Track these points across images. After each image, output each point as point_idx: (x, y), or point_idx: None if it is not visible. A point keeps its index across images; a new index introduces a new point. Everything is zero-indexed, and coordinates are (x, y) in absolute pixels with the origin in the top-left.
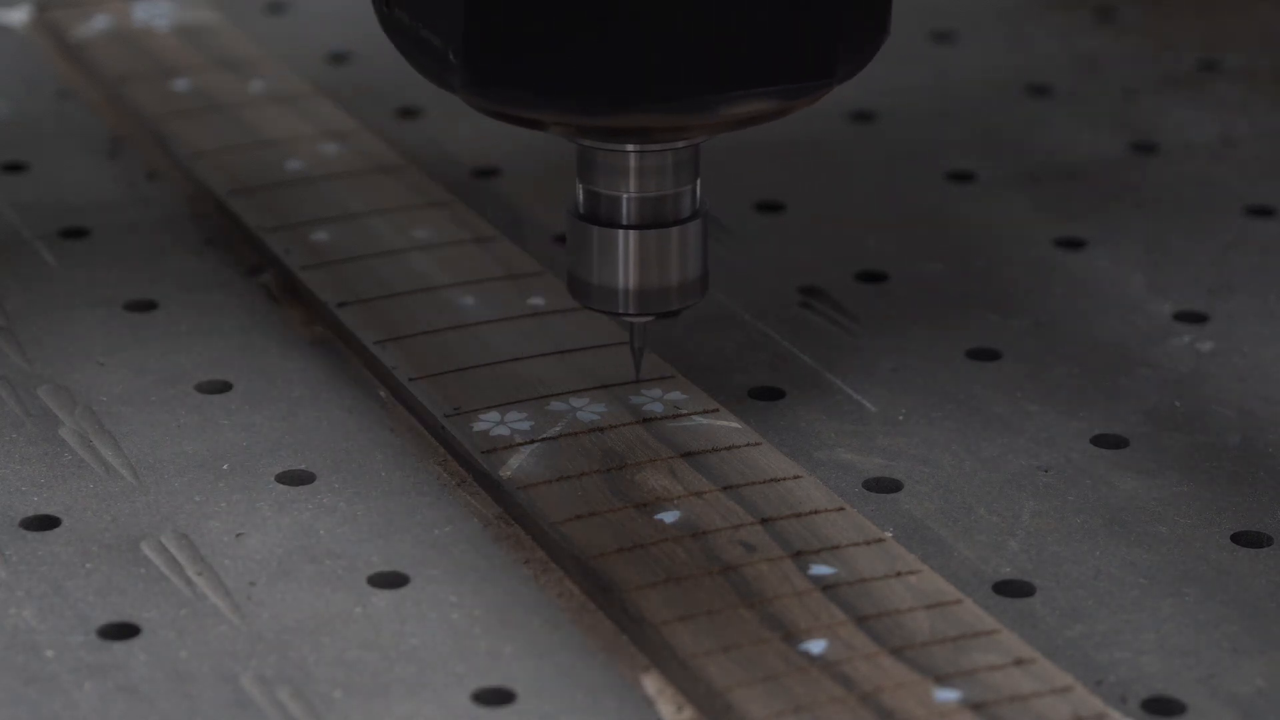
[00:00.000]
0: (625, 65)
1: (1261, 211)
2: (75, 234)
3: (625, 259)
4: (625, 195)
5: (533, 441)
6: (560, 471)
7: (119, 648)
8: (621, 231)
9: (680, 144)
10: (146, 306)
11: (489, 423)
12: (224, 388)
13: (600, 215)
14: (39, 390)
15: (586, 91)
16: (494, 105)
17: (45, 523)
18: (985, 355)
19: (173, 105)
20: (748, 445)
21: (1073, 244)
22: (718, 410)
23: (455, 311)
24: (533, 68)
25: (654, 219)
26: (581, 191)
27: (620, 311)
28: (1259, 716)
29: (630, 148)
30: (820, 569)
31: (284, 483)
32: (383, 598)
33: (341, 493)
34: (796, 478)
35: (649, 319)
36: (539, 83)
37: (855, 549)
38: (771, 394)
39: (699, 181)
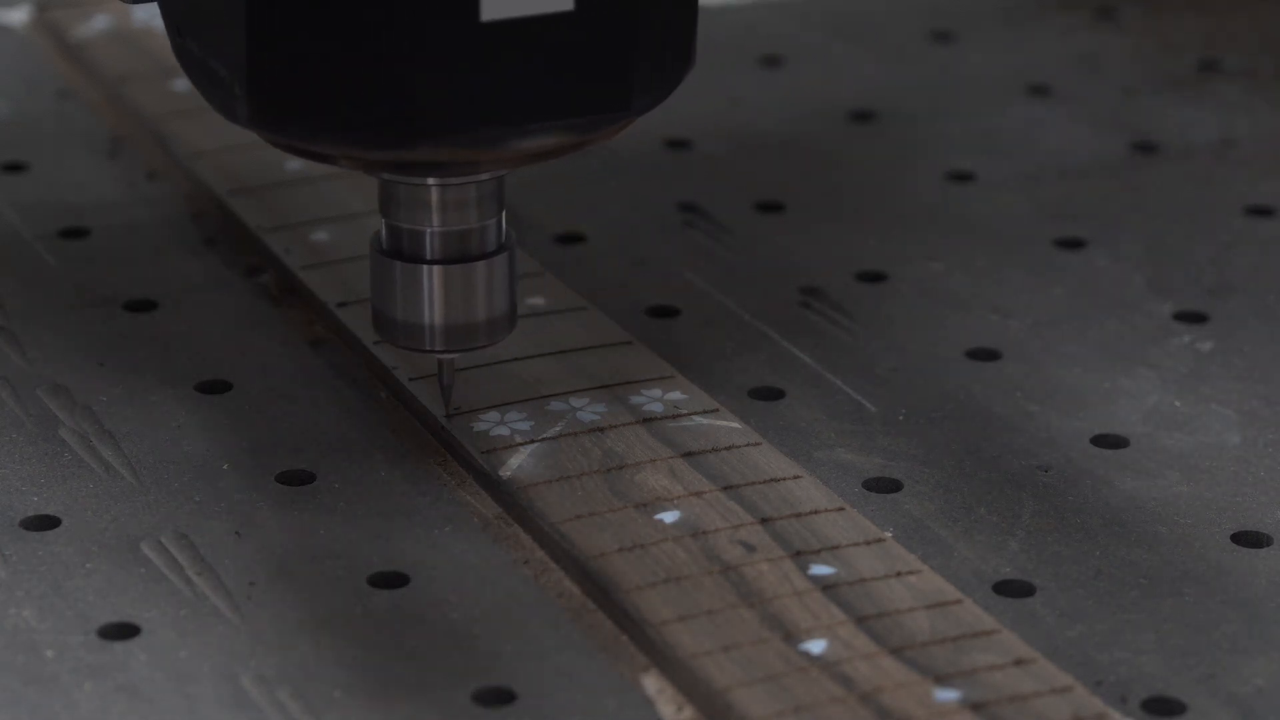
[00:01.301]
0: (410, 100)
1: (1261, 211)
2: (75, 234)
3: (430, 295)
4: (429, 230)
5: (533, 441)
6: (560, 471)
7: (119, 648)
8: (426, 267)
9: (483, 177)
10: (146, 306)
11: (489, 423)
12: (224, 388)
13: (404, 250)
14: (39, 390)
15: (371, 127)
16: (280, 138)
17: (45, 523)
18: (985, 355)
19: (173, 105)
20: (748, 445)
21: (1073, 244)
22: (718, 410)
23: None
24: (315, 102)
25: (459, 253)
26: (385, 227)
27: (427, 348)
28: (1259, 716)
29: (431, 181)
30: (820, 569)
31: (284, 483)
32: (383, 598)
33: (341, 493)
34: (796, 478)
35: (455, 355)
36: (322, 117)
37: (855, 549)
38: (771, 394)
39: (504, 214)
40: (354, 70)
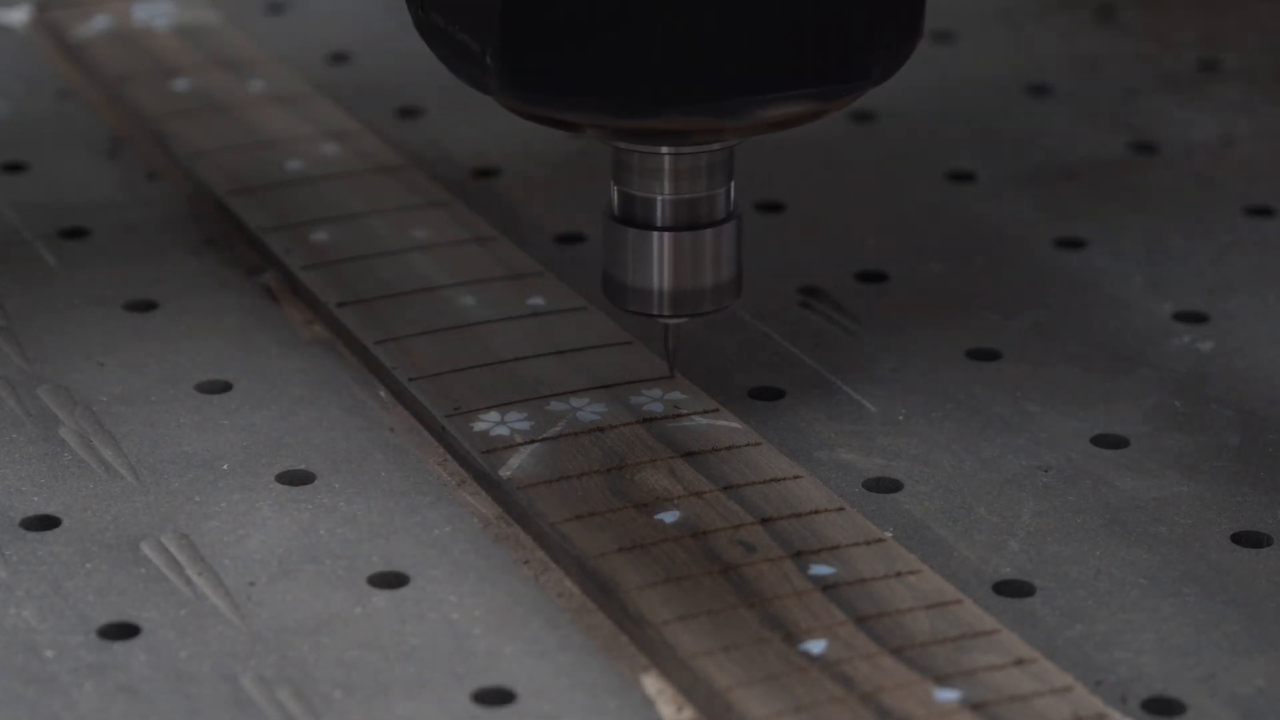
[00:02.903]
0: (661, 68)
1: (1261, 211)
2: (75, 234)
3: (660, 261)
4: (660, 197)
5: (533, 441)
6: (560, 471)
7: (119, 648)
8: (656, 233)
9: (715, 146)
10: (146, 306)
11: (489, 423)
12: (224, 388)
13: (635, 217)
14: (39, 390)
15: (622, 94)
16: (530, 108)
17: (45, 523)
18: (985, 355)
19: (173, 105)
20: (748, 445)
21: (1073, 244)
22: (718, 410)
23: (455, 311)
24: (569, 70)
25: (689, 221)
26: (616, 193)
27: (655, 313)
28: (1259, 716)
29: (665, 150)
30: (820, 569)
31: (284, 483)
32: (383, 598)
33: (341, 493)
34: (796, 478)
35: (683, 320)
36: (575, 85)
37: (855, 549)
38: (771, 394)
39: (733, 184)
40: (605, 39)
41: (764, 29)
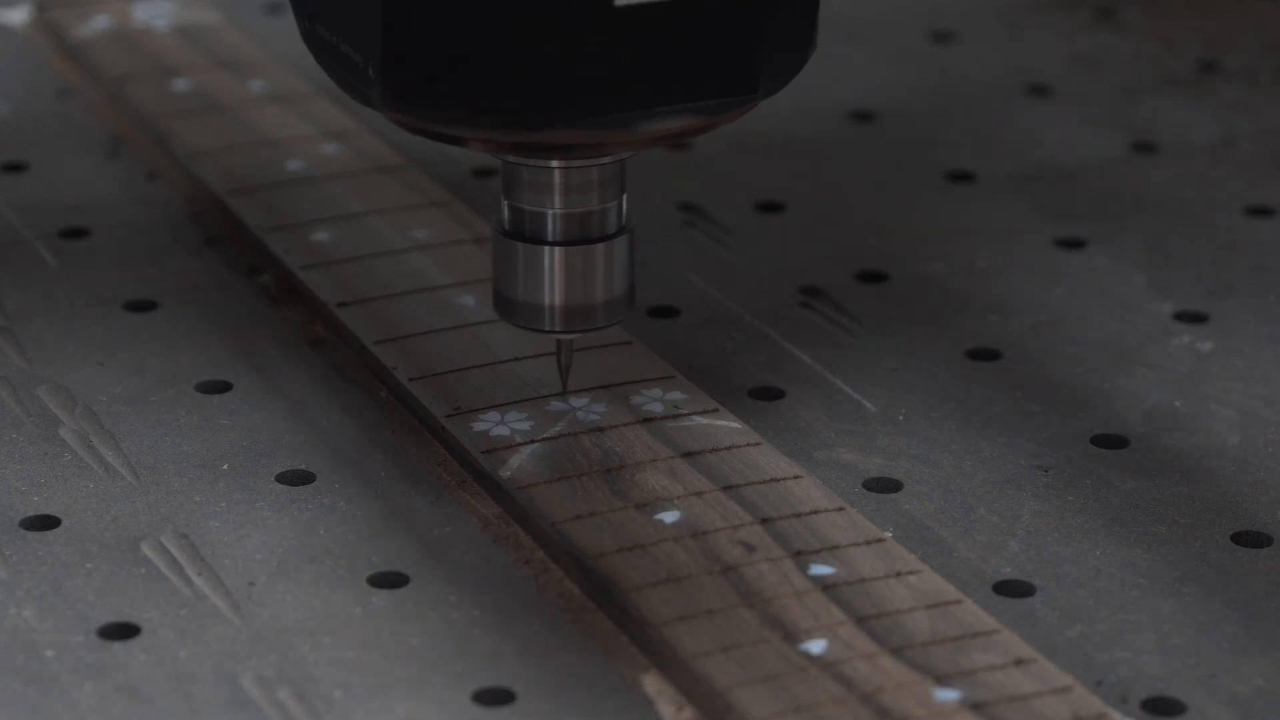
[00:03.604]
0: (545, 82)
1: (1261, 211)
2: (75, 234)
3: (551, 275)
4: (550, 211)
5: (533, 441)
6: (560, 471)
7: (119, 648)
8: (547, 248)
9: (606, 159)
10: (146, 306)
11: (489, 423)
12: (224, 388)
13: (525, 231)
14: (39, 390)
15: (506, 108)
16: (413, 121)
17: (45, 523)
18: (985, 355)
19: (173, 105)
20: (748, 445)
21: (1073, 244)
22: (718, 410)
23: (455, 311)
24: (451, 84)
25: (580, 235)
26: (506, 208)
27: (547, 329)
28: (1259, 716)
29: (555, 163)
30: (820, 569)
31: (284, 483)
32: (383, 598)
33: (341, 493)
34: (796, 478)
35: (575, 335)
36: (458, 99)
37: (855, 549)
38: (771, 394)
39: (625, 197)
40: (488, 53)
41: (650, 43)
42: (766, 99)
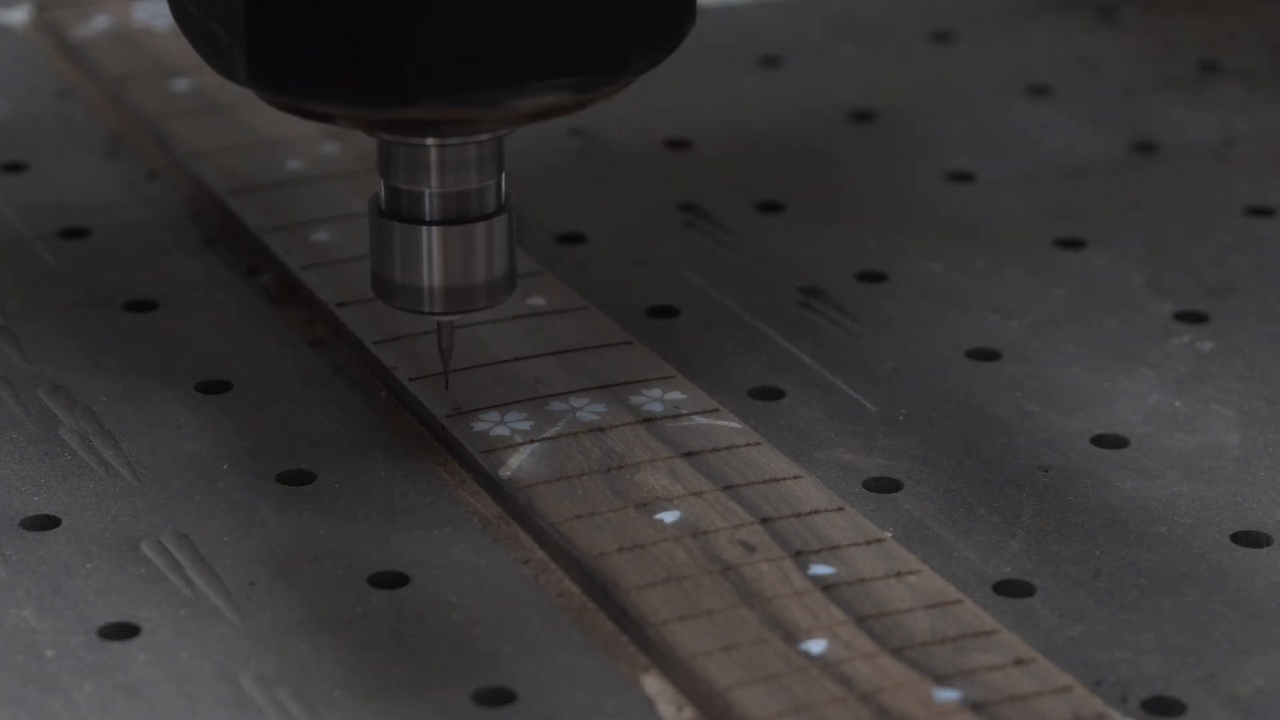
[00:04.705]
0: (407, 58)
1: (1261, 211)
2: (75, 234)
3: (429, 256)
4: (428, 190)
5: (533, 441)
6: (560, 471)
7: (119, 648)
8: (425, 228)
9: (484, 137)
10: (146, 306)
11: (489, 423)
12: (224, 388)
13: (403, 211)
14: (39, 390)
15: (368, 85)
16: (279, 98)
17: (45, 523)
18: (985, 355)
19: (173, 105)
20: (748, 445)
21: (1073, 244)
22: (718, 410)
23: None
24: (314, 60)
25: (458, 214)
26: (383, 187)
27: (426, 310)
28: (1259, 716)
29: (430, 141)
30: (820, 569)
31: (284, 483)
32: (383, 598)
33: (341, 493)
34: (796, 478)
35: (455, 317)
36: (320, 76)
37: (855, 549)
38: (771, 394)
39: (504, 175)
40: (351, 28)
41: (518, 18)
42: (643, 74)
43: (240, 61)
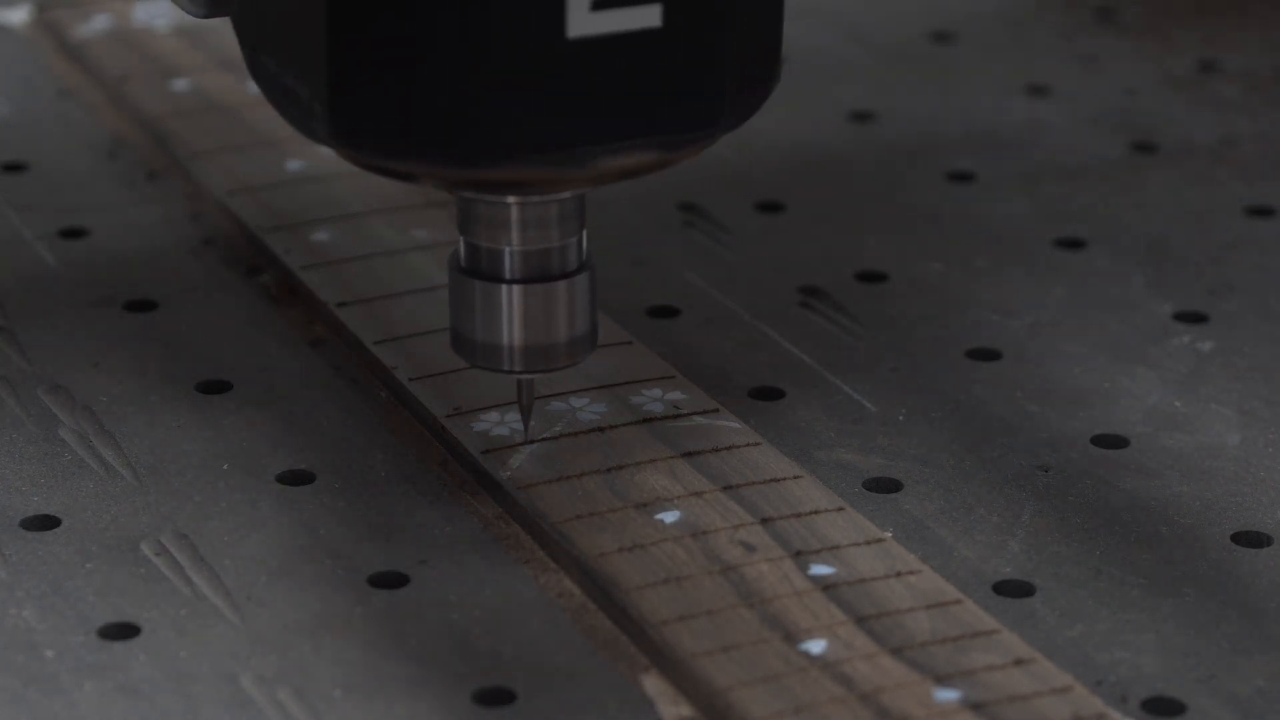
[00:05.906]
0: (495, 119)
1: (1261, 211)
2: (75, 234)
3: (510, 315)
4: (508, 248)
5: (533, 441)
6: (560, 471)
7: (119, 648)
8: (505, 286)
9: (565, 195)
10: (146, 306)
11: (489, 423)
12: (224, 388)
13: (483, 269)
14: (39, 390)
15: (455, 146)
16: (362, 157)
17: (45, 523)
18: (985, 355)
19: (173, 105)
20: (748, 445)
21: (1073, 244)
22: (718, 410)
23: None
24: (399, 121)
25: (539, 273)
26: (462, 244)
27: (506, 369)
28: (1259, 716)
29: (511, 199)
30: (820, 569)
31: (284, 483)
32: (382, 598)
33: (341, 493)
34: (796, 478)
35: (535, 376)
36: (405, 137)
37: (855, 549)
38: (771, 394)
39: (585, 233)
40: (438, 89)
41: (605, 78)
42: (728, 132)
43: (322, 118)
